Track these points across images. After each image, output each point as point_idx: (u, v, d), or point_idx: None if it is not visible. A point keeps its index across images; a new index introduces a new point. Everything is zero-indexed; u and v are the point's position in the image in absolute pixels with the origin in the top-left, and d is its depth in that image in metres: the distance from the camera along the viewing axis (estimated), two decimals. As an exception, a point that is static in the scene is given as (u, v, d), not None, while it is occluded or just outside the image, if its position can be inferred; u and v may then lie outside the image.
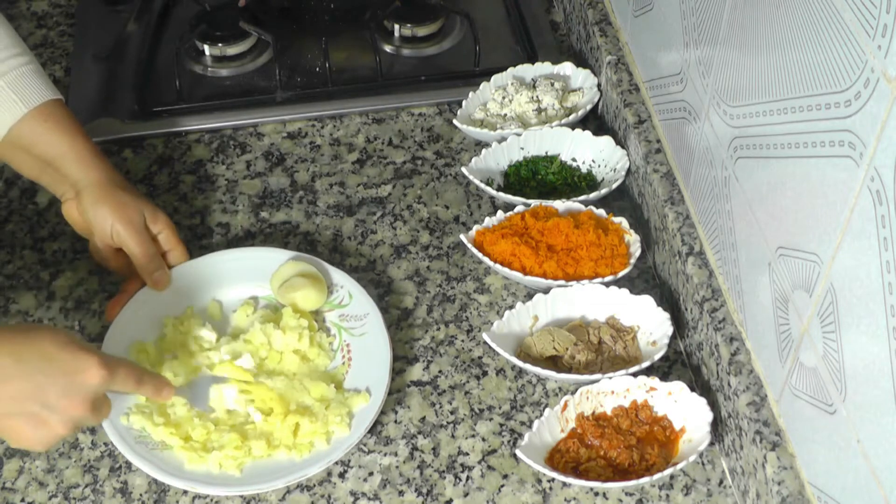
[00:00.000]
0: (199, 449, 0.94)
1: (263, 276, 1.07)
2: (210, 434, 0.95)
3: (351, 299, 1.06)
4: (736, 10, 0.87)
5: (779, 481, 0.84)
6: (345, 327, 1.05)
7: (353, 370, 1.02)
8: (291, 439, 0.95)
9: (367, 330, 1.03)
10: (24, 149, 1.02)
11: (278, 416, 0.96)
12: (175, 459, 0.93)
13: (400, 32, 1.37)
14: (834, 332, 0.74)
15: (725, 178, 0.93)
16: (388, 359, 1.00)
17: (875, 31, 0.63)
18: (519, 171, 1.19)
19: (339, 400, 0.98)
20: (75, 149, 1.03)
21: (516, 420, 1.00)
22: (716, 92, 0.93)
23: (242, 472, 0.93)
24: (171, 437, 0.94)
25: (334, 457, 0.93)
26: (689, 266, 1.00)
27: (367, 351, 1.02)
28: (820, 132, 0.72)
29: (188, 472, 0.93)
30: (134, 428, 0.94)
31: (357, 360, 1.02)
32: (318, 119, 1.29)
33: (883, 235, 0.65)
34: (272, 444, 0.95)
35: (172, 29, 1.41)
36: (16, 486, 0.95)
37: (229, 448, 0.93)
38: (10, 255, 1.14)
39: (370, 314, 1.04)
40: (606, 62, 1.22)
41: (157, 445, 0.94)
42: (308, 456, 0.94)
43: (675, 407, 0.96)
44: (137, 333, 1.03)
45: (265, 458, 0.94)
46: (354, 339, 1.04)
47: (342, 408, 0.97)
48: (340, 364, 1.03)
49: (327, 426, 0.95)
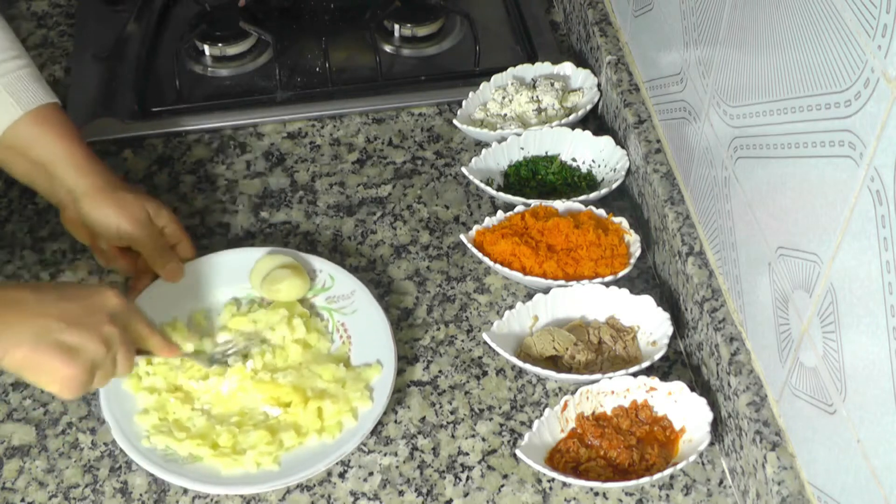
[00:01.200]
0: (230, 453, 0.94)
1: (238, 275, 1.08)
2: (237, 437, 0.95)
3: (333, 281, 1.07)
4: (736, 10, 0.87)
5: (779, 481, 0.84)
6: (334, 308, 1.06)
7: (356, 347, 1.03)
8: (319, 423, 0.96)
9: (358, 306, 1.05)
10: (19, 152, 1.02)
11: (299, 406, 0.97)
12: (208, 469, 0.93)
13: (400, 32, 1.37)
14: (834, 332, 0.74)
15: (725, 178, 0.93)
16: (387, 327, 1.01)
17: (875, 31, 0.63)
18: (519, 171, 1.19)
19: (353, 376, 0.99)
20: (70, 153, 1.03)
21: (516, 420, 1.00)
22: (716, 92, 0.93)
23: (281, 465, 0.94)
24: (199, 447, 0.94)
25: (366, 430, 0.95)
26: (689, 266, 1.00)
27: (364, 325, 1.04)
28: (820, 132, 0.72)
29: (228, 478, 0.92)
30: (158, 448, 0.94)
31: (356, 337, 1.04)
32: (318, 119, 1.29)
33: (883, 235, 0.65)
34: (301, 432, 0.96)
35: (172, 29, 1.41)
36: (16, 486, 0.95)
37: (261, 445, 0.94)
38: (10, 255, 1.14)
39: (356, 290, 1.06)
40: (606, 62, 1.22)
41: (187, 459, 0.94)
42: (340, 435, 0.96)
43: (675, 407, 0.96)
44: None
45: (298, 448, 0.95)
46: (347, 317, 1.05)
47: (358, 383, 0.98)
48: (341, 345, 1.04)
49: (350, 403, 0.97)
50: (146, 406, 0.97)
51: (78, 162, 1.03)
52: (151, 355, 0.95)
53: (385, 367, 0.99)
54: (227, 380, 0.99)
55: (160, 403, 0.97)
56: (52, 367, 0.83)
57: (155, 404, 0.97)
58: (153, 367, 0.99)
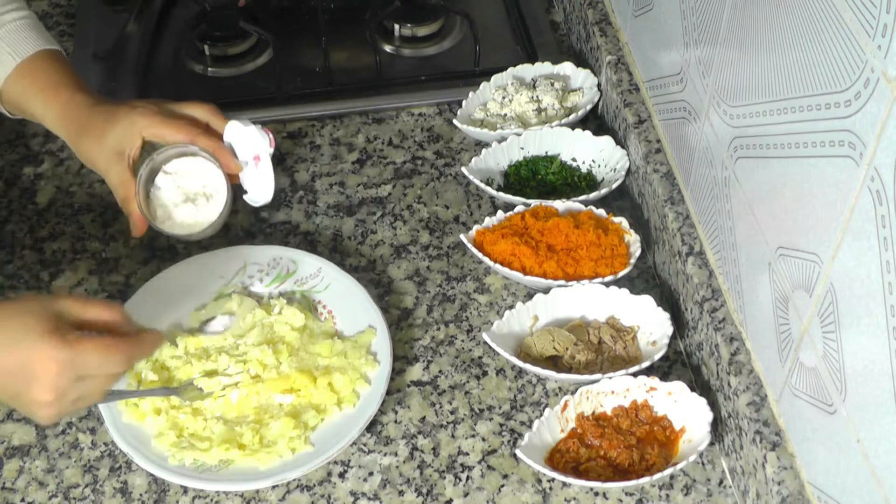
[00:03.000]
0: (259, 449, 0.94)
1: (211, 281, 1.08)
2: (260, 432, 0.95)
3: (296, 264, 1.09)
4: (736, 10, 0.87)
5: (779, 481, 0.84)
6: (305, 290, 1.07)
7: (341, 319, 1.05)
8: (335, 397, 0.98)
9: (329, 280, 1.07)
10: (17, 107, 1.02)
11: (310, 387, 0.98)
12: (245, 468, 0.93)
13: (400, 32, 1.37)
14: (834, 332, 0.74)
15: (725, 178, 0.93)
16: (364, 292, 1.04)
17: (875, 31, 0.63)
18: (519, 171, 1.19)
19: (351, 345, 1.01)
20: (48, 109, 1.00)
21: (516, 420, 1.00)
22: (716, 92, 0.93)
23: (314, 445, 0.95)
24: (227, 452, 0.94)
25: (382, 390, 0.97)
26: (689, 266, 1.00)
27: (341, 297, 1.06)
28: (820, 132, 0.72)
29: (268, 471, 0.93)
30: (187, 464, 0.93)
31: (338, 309, 1.06)
32: (318, 119, 1.29)
33: (883, 235, 0.65)
34: (321, 409, 0.97)
35: (172, 29, 1.41)
36: (16, 486, 0.95)
37: (287, 431, 0.95)
38: (10, 255, 1.14)
39: (322, 267, 1.08)
40: (606, 62, 1.22)
41: (220, 466, 0.94)
42: (361, 402, 0.97)
43: (675, 407, 0.96)
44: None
45: (323, 425, 0.96)
46: (322, 293, 1.07)
47: (360, 349, 1.01)
48: (325, 321, 1.05)
49: (358, 370, 0.99)
50: (159, 430, 0.96)
51: (56, 114, 1.00)
52: (122, 396, 0.94)
53: (379, 329, 1.02)
54: (235, 390, 0.99)
55: (172, 422, 0.96)
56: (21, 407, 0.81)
57: (167, 424, 0.96)
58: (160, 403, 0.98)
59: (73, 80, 1.02)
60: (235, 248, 1.11)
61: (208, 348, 1.02)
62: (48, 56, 1.03)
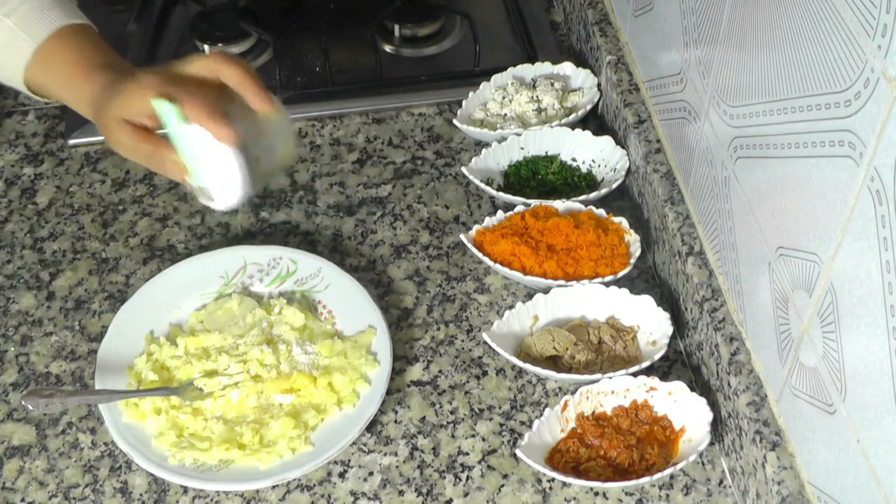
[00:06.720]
0: (259, 449, 0.94)
1: (208, 281, 1.08)
2: (259, 432, 0.96)
3: (296, 264, 1.09)
4: (736, 10, 0.87)
5: (779, 481, 0.84)
6: (306, 290, 1.07)
7: (341, 319, 1.05)
8: (335, 396, 0.98)
9: (329, 280, 1.07)
10: (45, 93, 0.99)
11: (310, 387, 0.98)
12: (245, 468, 0.93)
13: (400, 32, 1.37)
14: (834, 332, 0.74)
15: (725, 178, 0.93)
16: (364, 292, 1.04)
17: (875, 31, 0.63)
18: (519, 170, 1.19)
19: (351, 345, 1.01)
20: (68, 93, 0.96)
21: (516, 420, 1.00)
22: (716, 92, 0.93)
23: (314, 445, 0.95)
24: (227, 452, 0.94)
25: (382, 390, 0.97)
26: (689, 266, 1.00)
27: (341, 297, 1.06)
28: (820, 132, 0.72)
29: (268, 471, 0.93)
30: (187, 464, 0.94)
31: (338, 309, 1.06)
32: (318, 119, 1.29)
33: (883, 235, 0.65)
34: (321, 409, 0.97)
35: (172, 29, 1.41)
36: (16, 486, 0.95)
37: (287, 431, 0.95)
38: (10, 255, 1.14)
39: (322, 267, 1.08)
40: (606, 62, 1.22)
41: (219, 466, 0.94)
42: (361, 402, 0.97)
43: (675, 407, 0.96)
44: (133, 347, 1.03)
45: (323, 424, 0.96)
46: (322, 293, 1.07)
47: (359, 349, 1.01)
48: (325, 320, 1.05)
49: (358, 370, 0.99)
50: (159, 430, 0.96)
51: (77, 99, 0.96)
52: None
53: (379, 328, 1.02)
54: (235, 390, 0.99)
55: (172, 422, 0.96)
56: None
57: (167, 424, 0.96)
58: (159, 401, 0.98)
59: (88, 59, 0.97)
60: (235, 248, 1.11)
61: (208, 348, 1.02)
62: (68, 33, 0.97)
